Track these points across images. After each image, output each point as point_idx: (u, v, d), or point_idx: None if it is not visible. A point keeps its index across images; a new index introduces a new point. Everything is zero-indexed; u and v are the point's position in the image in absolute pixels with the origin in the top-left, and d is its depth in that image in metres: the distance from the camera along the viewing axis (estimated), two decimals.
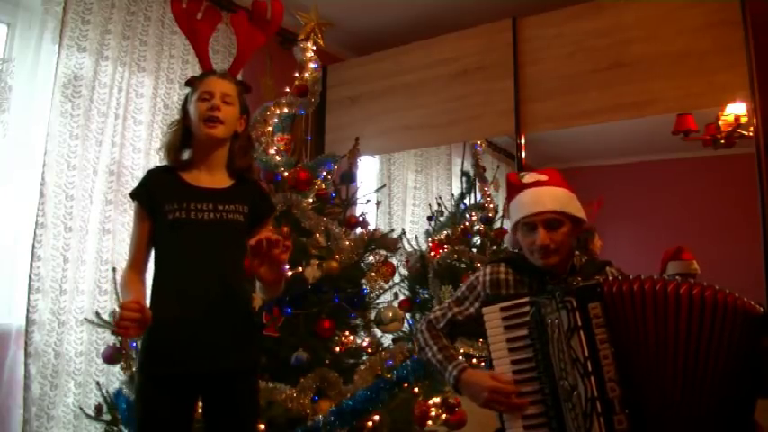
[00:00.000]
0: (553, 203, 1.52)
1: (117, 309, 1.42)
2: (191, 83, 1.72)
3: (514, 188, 1.61)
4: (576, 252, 1.64)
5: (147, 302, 1.57)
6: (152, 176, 1.67)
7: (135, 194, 1.65)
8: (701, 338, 1.28)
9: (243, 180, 1.72)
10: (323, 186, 2.62)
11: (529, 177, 1.60)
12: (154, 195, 1.61)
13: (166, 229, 1.58)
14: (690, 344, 1.28)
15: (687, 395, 1.27)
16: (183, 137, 1.68)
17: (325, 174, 2.65)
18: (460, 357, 1.63)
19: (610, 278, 1.47)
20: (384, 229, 3.18)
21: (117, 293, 2.25)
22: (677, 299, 1.30)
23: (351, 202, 2.82)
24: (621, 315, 1.33)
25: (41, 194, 2.50)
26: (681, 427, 1.28)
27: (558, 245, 1.52)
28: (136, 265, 1.61)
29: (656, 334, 1.30)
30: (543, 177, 1.59)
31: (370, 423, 2.18)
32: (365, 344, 2.52)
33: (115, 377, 2.60)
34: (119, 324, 1.38)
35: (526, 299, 1.45)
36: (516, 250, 1.71)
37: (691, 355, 1.28)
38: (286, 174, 2.51)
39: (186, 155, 1.69)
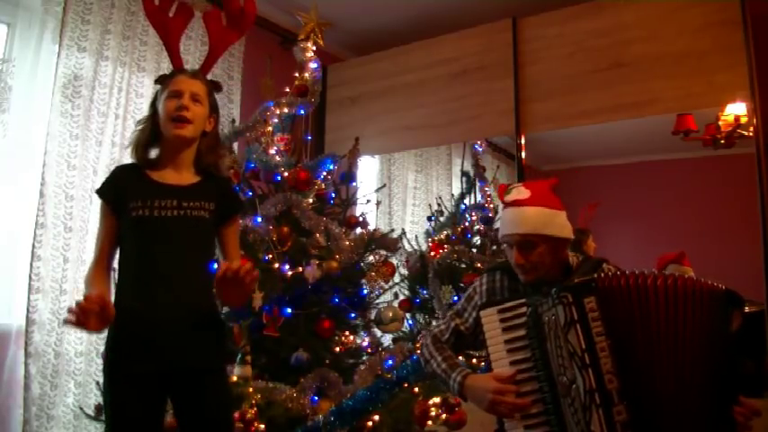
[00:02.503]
0: (523, 226, 1.54)
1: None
2: (161, 81, 1.71)
3: (502, 203, 1.64)
4: (572, 253, 1.65)
5: (112, 299, 1.57)
6: (118, 173, 1.67)
7: (100, 192, 1.64)
8: (677, 324, 1.33)
9: (210, 177, 1.70)
10: (323, 186, 2.63)
11: (512, 194, 1.60)
12: (119, 192, 1.60)
13: (130, 227, 1.57)
14: (669, 332, 1.33)
15: (672, 383, 1.31)
16: (152, 134, 1.67)
17: (325, 174, 2.65)
18: (461, 359, 1.65)
19: (603, 274, 1.50)
20: (384, 229, 3.18)
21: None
22: (655, 291, 1.35)
23: (351, 202, 2.82)
24: (614, 309, 1.36)
25: (41, 194, 2.50)
26: (671, 416, 1.30)
27: (532, 264, 1.54)
28: (100, 262, 1.60)
29: (642, 326, 1.34)
30: (525, 195, 1.58)
31: (370, 423, 2.18)
32: (365, 344, 2.52)
33: None
34: (78, 315, 1.36)
35: (523, 300, 1.47)
36: None
37: (671, 343, 1.32)
38: (286, 174, 2.51)
39: (154, 153, 1.68)
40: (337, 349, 2.42)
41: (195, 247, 1.62)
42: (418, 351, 1.76)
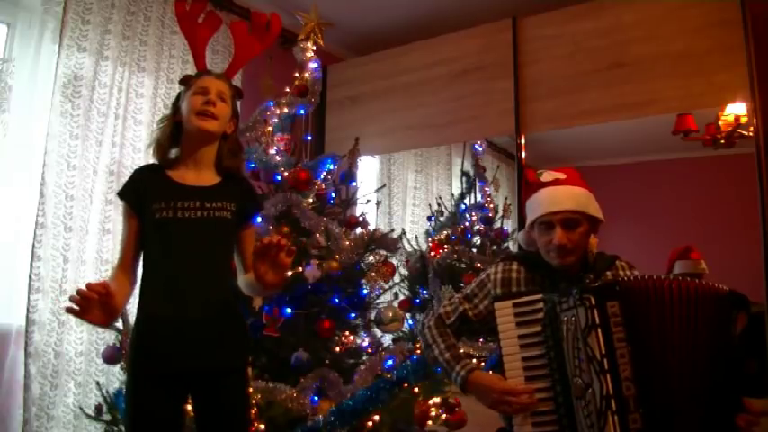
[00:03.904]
0: (572, 203, 1.52)
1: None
2: (185, 81, 1.72)
3: (532, 186, 1.61)
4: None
5: (134, 300, 1.57)
6: (139, 175, 1.67)
7: (122, 194, 1.64)
8: (689, 328, 1.32)
9: (230, 177, 1.70)
10: (323, 186, 2.62)
11: (547, 176, 1.59)
12: (141, 194, 1.60)
13: (153, 229, 1.58)
14: (681, 336, 1.32)
15: (682, 385, 1.30)
16: (173, 134, 1.67)
17: (325, 174, 2.65)
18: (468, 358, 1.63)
19: (624, 277, 1.53)
20: (384, 229, 3.18)
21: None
22: (671, 294, 1.34)
23: (351, 202, 2.82)
24: (635, 313, 1.34)
25: (41, 194, 2.50)
26: (681, 421, 1.29)
27: (574, 245, 1.52)
28: (124, 264, 1.60)
29: (659, 330, 1.33)
30: (562, 176, 1.59)
31: (370, 423, 2.18)
32: (365, 344, 2.52)
33: (115, 377, 2.61)
34: (79, 302, 1.35)
35: (540, 295, 1.45)
36: (529, 249, 1.70)
37: (684, 348, 1.31)
38: (286, 174, 2.52)
39: (173, 153, 1.68)
40: (337, 349, 2.42)
41: (218, 247, 1.62)
42: (419, 331, 1.73)
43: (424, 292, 3.56)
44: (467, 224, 3.88)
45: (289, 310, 2.29)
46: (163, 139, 1.67)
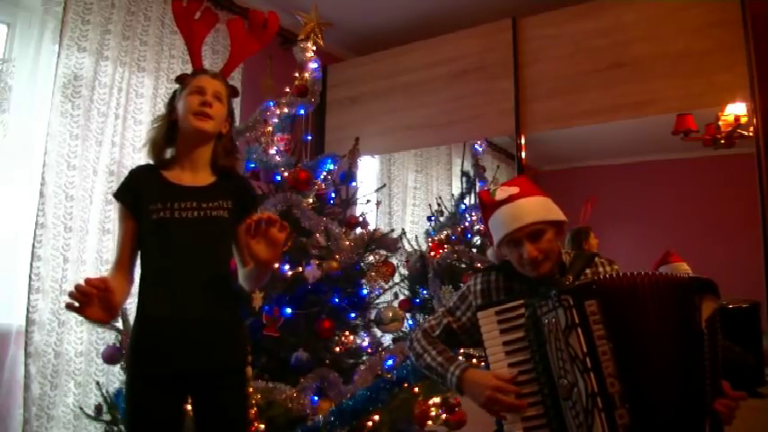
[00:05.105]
0: (531, 216, 1.54)
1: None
2: (181, 80, 1.71)
3: (489, 207, 1.61)
4: (564, 250, 1.65)
5: (132, 301, 1.58)
6: (135, 176, 1.66)
7: (118, 195, 1.63)
8: (659, 320, 1.34)
9: (225, 176, 1.70)
10: (323, 186, 2.63)
11: (501, 193, 1.60)
12: (137, 195, 1.60)
13: (151, 229, 1.57)
14: (656, 327, 1.34)
15: (663, 380, 1.31)
16: (168, 133, 1.66)
17: (325, 174, 2.65)
18: (461, 358, 1.63)
19: (604, 273, 1.56)
20: (384, 229, 3.18)
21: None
22: (643, 288, 1.36)
23: (351, 202, 2.82)
24: (613, 310, 1.36)
25: (41, 194, 2.50)
26: (663, 412, 1.30)
27: (545, 253, 1.54)
28: (122, 264, 1.60)
29: (637, 325, 1.34)
30: (514, 190, 1.59)
31: (370, 423, 2.18)
32: (365, 344, 2.52)
33: (115, 377, 2.61)
34: (77, 298, 1.35)
35: (521, 301, 1.46)
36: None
37: (658, 340, 1.33)
38: (286, 174, 2.52)
39: (169, 153, 1.68)
40: (337, 349, 2.42)
41: (216, 247, 1.62)
42: (408, 346, 1.74)
43: (424, 292, 3.56)
44: (467, 224, 3.88)
45: (289, 310, 2.29)
46: (158, 138, 1.66)
